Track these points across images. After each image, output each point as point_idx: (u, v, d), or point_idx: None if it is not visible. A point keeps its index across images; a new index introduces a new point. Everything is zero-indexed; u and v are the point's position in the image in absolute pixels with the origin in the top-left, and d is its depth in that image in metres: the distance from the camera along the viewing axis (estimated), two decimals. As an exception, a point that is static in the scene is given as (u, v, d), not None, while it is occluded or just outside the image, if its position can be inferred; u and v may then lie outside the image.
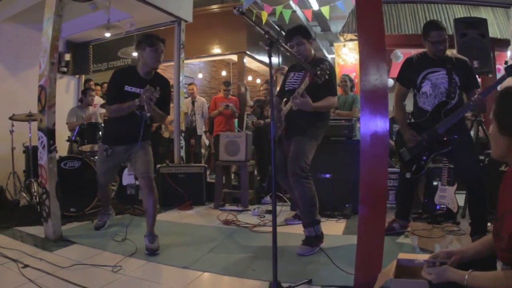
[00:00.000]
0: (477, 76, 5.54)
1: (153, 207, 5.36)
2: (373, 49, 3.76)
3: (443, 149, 5.28)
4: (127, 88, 5.40)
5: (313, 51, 5.66)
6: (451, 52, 5.52)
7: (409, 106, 6.08)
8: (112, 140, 5.72)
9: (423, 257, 2.69)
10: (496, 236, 2.35)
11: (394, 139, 6.12)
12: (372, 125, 3.66)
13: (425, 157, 5.38)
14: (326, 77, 4.76)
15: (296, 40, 5.44)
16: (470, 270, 2.23)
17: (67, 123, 8.77)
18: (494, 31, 11.29)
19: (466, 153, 5.11)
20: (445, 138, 5.13)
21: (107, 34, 9.07)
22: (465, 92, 5.38)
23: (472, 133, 6.81)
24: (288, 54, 4.60)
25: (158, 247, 5.13)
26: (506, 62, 4.81)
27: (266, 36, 3.70)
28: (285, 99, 5.70)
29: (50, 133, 5.74)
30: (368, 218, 3.70)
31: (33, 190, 7.71)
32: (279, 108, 5.79)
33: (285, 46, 4.05)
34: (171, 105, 9.71)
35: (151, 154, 5.67)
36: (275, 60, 4.16)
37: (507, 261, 2.17)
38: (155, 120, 5.73)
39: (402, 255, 2.97)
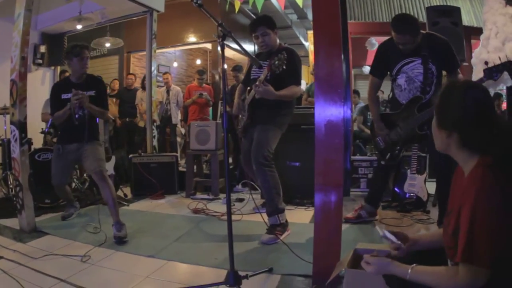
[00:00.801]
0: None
1: (111, 197, 5.56)
2: (327, 37, 3.79)
3: (416, 142, 5.41)
4: (63, 96, 5.89)
5: (278, 41, 5.71)
6: (427, 32, 5.54)
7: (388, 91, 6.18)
8: (63, 139, 6.06)
9: (383, 246, 2.76)
10: (444, 232, 2.42)
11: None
12: (326, 114, 3.70)
13: (399, 147, 5.49)
14: (284, 67, 4.87)
15: (261, 31, 5.50)
16: (414, 265, 2.26)
17: (42, 113, 8.81)
18: (470, 20, 11.36)
19: None
20: (418, 132, 5.21)
21: (79, 26, 9.15)
22: (447, 72, 5.35)
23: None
24: (239, 46, 4.68)
25: (126, 235, 5.28)
26: (486, 63, 4.82)
27: (219, 29, 3.79)
28: (249, 88, 5.78)
29: (21, 127, 5.83)
30: (325, 207, 3.78)
31: (10, 183, 7.75)
32: (243, 96, 5.89)
33: (236, 39, 4.14)
34: (144, 93, 9.89)
35: (101, 152, 6.00)
36: (251, 48, 4.22)
37: (451, 258, 2.23)
38: (97, 117, 6.12)
39: (360, 245, 3.01)
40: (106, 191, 5.55)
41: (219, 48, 14.15)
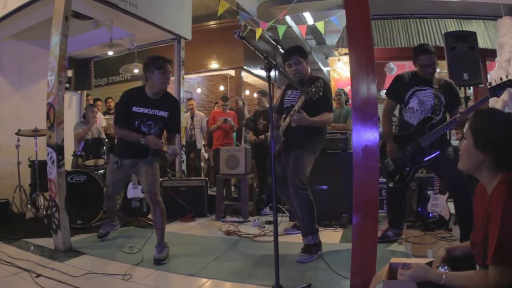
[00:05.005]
0: (466, 90, 5.77)
1: (160, 220, 5.62)
2: (363, 68, 3.99)
3: (425, 161, 5.54)
4: (135, 108, 5.69)
5: (309, 70, 5.89)
6: (439, 75, 5.84)
7: (394, 118, 6.36)
8: (122, 153, 5.98)
9: (415, 261, 2.88)
10: (472, 244, 2.66)
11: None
12: (364, 139, 3.89)
13: (408, 168, 5.65)
14: (320, 94, 5.01)
15: (294, 60, 5.67)
16: (447, 271, 2.52)
17: (74, 135, 8.99)
18: (485, 42, 11.47)
19: (449, 164, 5.34)
20: (427, 151, 5.41)
21: (110, 52, 9.24)
22: (448, 111, 5.67)
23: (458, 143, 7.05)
24: (283, 76, 4.83)
25: (165, 258, 5.36)
26: (490, 84, 5.06)
27: (265, 61, 3.86)
28: (284, 115, 5.92)
29: (59, 149, 5.99)
30: (362, 226, 3.92)
31: (40, 204, 7.90)
32: (278, 124, 6.01)
33: (283, 70, 4.26)
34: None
35: (158, 169, 5.94)
36: (272, 73, 4.32)
37: (482, 264, 2.43)
38: None
39: (394, 259, 3.13)
40: (157, 214, 5.63)
41: (243, 74, 14.35)
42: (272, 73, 3.96)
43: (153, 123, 5.75)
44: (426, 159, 5.51)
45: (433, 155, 5.40)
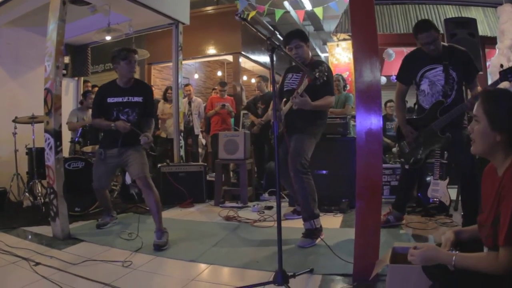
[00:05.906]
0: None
1: (155, 204, 5.57)
2: (367, 52, 3.95)
3: (438, 146, 5.50)
4: (110, 99, 5.98)
5: (310, 54, 5.84)
6: (448, 44, 5.69)
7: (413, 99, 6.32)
8: (106, 144, 6.10)
9: (418, 245, 2.87)
10: (480, 226, 2.62)
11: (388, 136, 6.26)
12: (367, 123, 3.86)
13: (421, 151, 5.58)
14: (325, 78, 4.98)
15: (295, 43, 5.61)
16: (457, 252, 2.47)
17: (67, 123, 8.94)
18: (484, 30, 11.48)
19: (460, 148, 5.26)
20: (440, 135, 5.31)
21: (108, 37, 9.16)
22: (466, 82, 5.52)
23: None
24: (289, 58, 4.77)
25: (165, 243, 5.32)
26: (501, 66, 4.96)
27: (268, 42, 3.78)
28: (284, 99, 5.88)
29: (57, 135, 5.93)
30: (365, 210, 3.90)
31: (37, 191, 7.85)
32: (279, 107, 5.94)
33: (286, 51, 4.21)
34: (170, 105, 9.97)
35: (145, 157, 6.01)
36: (267, 59, 4.28)
37: (491, 246, 2.41)
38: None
39: (397, 244, 3.12)
40: (150, 198, 5.59)
41: (240, 60, 14.31)
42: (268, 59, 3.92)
43: (130, 110, 5.97)
44: (438, 142, 5.46)
45: (446, 138, 5.32)
